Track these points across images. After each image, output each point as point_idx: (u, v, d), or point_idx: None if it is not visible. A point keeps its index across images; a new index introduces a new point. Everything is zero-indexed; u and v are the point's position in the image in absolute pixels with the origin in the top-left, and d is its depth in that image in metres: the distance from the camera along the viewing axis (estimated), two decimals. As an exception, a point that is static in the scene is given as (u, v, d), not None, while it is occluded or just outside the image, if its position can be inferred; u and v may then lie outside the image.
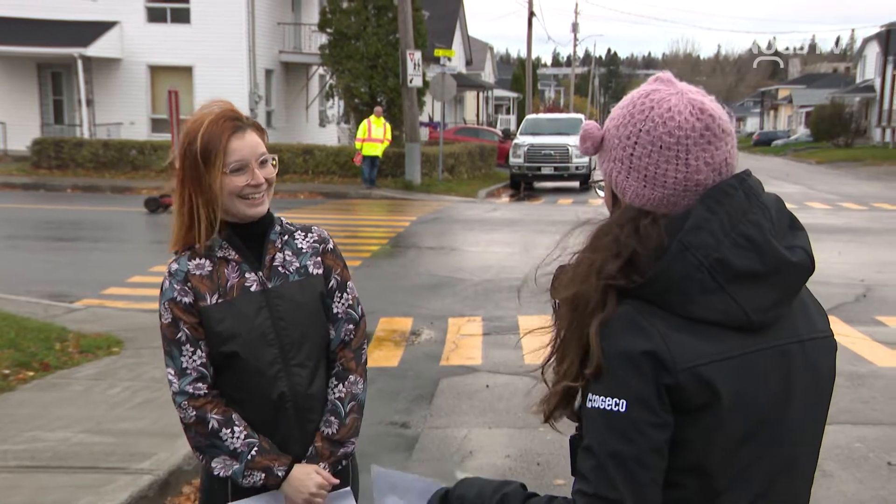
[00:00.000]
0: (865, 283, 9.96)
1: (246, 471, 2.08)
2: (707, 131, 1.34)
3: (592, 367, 1.31)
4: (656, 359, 1.28)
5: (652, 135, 1.35)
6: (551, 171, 23.79)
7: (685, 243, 1.30)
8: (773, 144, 59.83)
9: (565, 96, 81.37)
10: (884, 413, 5.64)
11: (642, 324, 1.30)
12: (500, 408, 5.67)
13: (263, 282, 2.13)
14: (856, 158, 38.94)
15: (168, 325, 2.08)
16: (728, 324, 1.31)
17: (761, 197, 1.35)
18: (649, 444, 1.28)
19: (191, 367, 2.07)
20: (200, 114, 2.08)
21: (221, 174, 2.03)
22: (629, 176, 1.38)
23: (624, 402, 1.28)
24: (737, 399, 1.31)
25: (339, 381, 2.22)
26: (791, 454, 1.39)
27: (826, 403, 1.46)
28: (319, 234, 2.27)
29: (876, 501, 4.35)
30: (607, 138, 1.42)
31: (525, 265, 10.87)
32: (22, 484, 4.00)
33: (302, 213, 16.47)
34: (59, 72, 27.09)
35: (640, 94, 1.40)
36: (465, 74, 46.64)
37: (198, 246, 2.10)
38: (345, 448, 2.22)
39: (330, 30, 25.45)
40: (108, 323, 7.33)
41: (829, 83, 68.94)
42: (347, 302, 2.25)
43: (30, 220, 15.31)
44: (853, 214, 18.04)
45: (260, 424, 2.13)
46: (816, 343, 1.42)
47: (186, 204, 2.07)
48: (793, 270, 1.34)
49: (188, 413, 2.07)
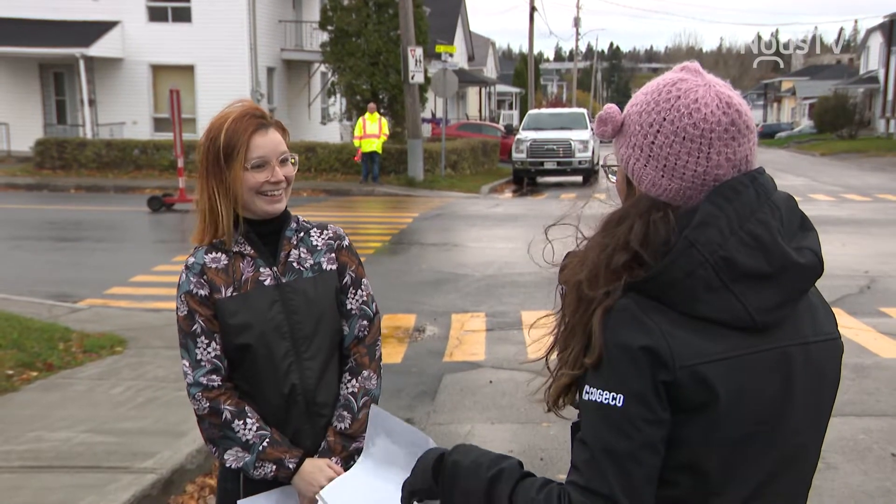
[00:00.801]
0: (870, 275, 9.93)
1: (257, 462, 2.09)
2: (732, 126, 1.32)
3: (593, 357, 1.29)
4: (655, 355, 1.26)
5: (676, 125, 1.32)
6: (554, 166, 23.75)
7: (691, 239, 1.28)
8: (776, 136, 59.64)
9: (568, 91, 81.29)
10: (888, 404, 5.62)
11: (643, 319, 1.28)
12: (503, 403, 5.67)
13: (278, 277, 2.16)
14: (859, 150, 38.83)
15: (184, 318, 2.10)
16: (731, 323, 1.28)
17: (772, 195, 1.33)
18: (644, 441, 1.27)
19: (205, 359, 2.09)
20: (225, 111, 2.12)
21: (242, 170, 2.06)
22: (647, 164, 1.34)
23: (621, 396, 1.27)
24: (736, 400, 1.29)
25: (353, 376, 2.24)
26: (789, 456, 1.37)
27: (828, 407, 1.44)
28: (335, 231, 2.30)
29: (880, 492, 4.34)
30: (627, 123, 1.38)
31: (528, 261, 10.85)
32: (25, 484, 4.01)
33: (305, 211, 16.37)
34: (61, 72, 27.12)
35: (666, 82, 1.36)
36: (467, 70, 46.57)
37: (217, 241, 2.12)
38: (357, 443, 2.22)
39: (331, 27, 25.44)
40: (112, 322, 7.33)
41: (832, 74, 68.66)
42: (362, 298, 2.27)
43: (33, 220, 15.33)
44: (857, 206, 17.99)
45: (272, 417, 2.14)
46: (821, 346, 1.39)
47: (208, 199, 2.10)
48: (800, 272, 1.31)
49: (202, 404, 2.08)
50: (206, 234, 2.13)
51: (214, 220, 2.11)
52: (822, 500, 4.21)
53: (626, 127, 1.38)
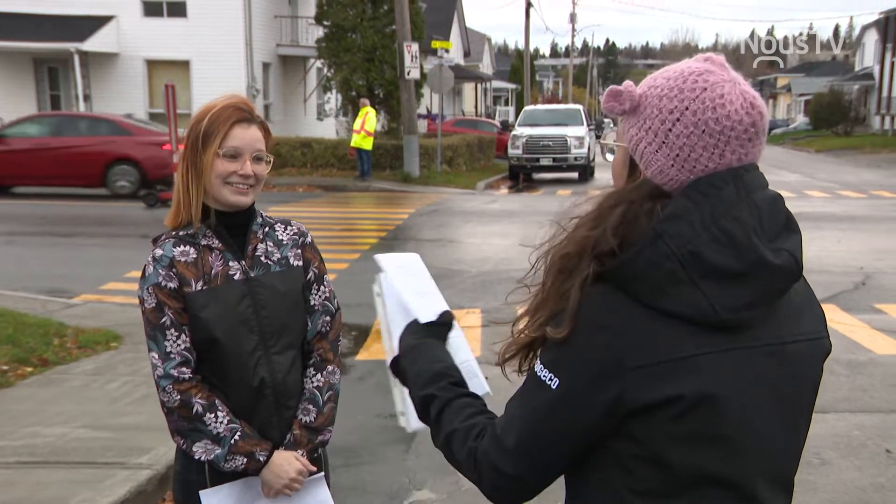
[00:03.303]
0: (864, 271, 9.95)
1: (228, 455, 2.10)
2: (752, 128, 1.30)
3: (564, 334, 1.28)
4: (608, 353, 1.25)
5: (698, 116, 1.28)
6: (550, 162, 23.77)
7: (659, 231, 1.25)
8: (772, 133, 59.65)
9: (563, 87, 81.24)
10: (882, 401, 5.64)
11: (604, 314, 1.27)
12: (498, 399, 5.65)
13: (246, 271, 2.17)
14: (855, 146, 38.90)
15: (152, 310, 2.10)
16: (697, 319, 1.25)
17: (754, 194, 1.29)
18: (557, 429, 1.30)
19: (175, 352, 2.09)
20: (216, 100, 2.15)
21: (215, 156, 2.08)
22: (659, 150, 1.31)
23: (557, 381, 1.29)
24: (698, 398, 1.25)
25: (318, 370, 2.27)
26: (763, 456, 1.33)
27: (806, 407, 1.40)
28: (298, 227, 2.32)
29: (874, 488, 4.35)
30: (644, 105, 1.34)
31: (523, 257, 10.85)
32: (20, 479, 4.00)
33: (300, 207, 16.46)
34: (55, 67, 27.01)
35: (692, 71, 1.32)
36: (463, 66, 46.53)
37: (184, 233, 2.13)
38: (322, 436, 2.27)
39: (327, 22, 25.38)
40: (107, 318, 7.32)
41: (827, 71, 68.76)
42: (324, 294, 2.30)
43: (27, 215, 15.29)
44: (852, 202, 18.02)
45: (240, 410, 2.16)
46: (801, 346, 1.35)
47: (183, 182, 2.12)
48: (773, 273, 1.27)
49: (172, 397, 2.09)
50: (177, 218, 2.15)
51: (187, 204, 2.12)
52: (816, 495, 4.23)
53: (642, 108, 1.34)
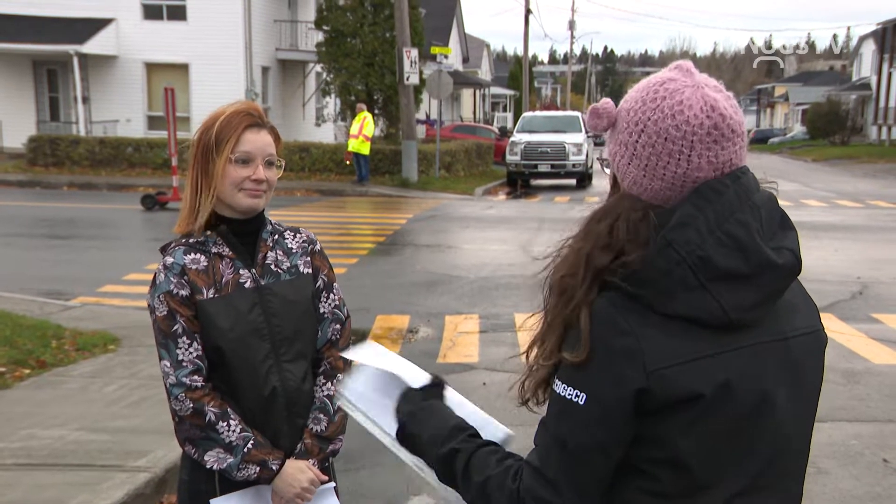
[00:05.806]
0: (861, 281, 9.98)
1: (241, 464, 2.09)
2: (715, 130, 1.32)
3: (582, 356, 1.30)
4: (628, 357, 1.27)
5: (659, 125, 1.32)
6: (548, 168, 23.78)
7: (668, 239, 1.28)
8: (769, 142, 59.84)
9: (562, 94, 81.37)
10: (879, 410, 5.65)
11: (617, 319, 1.29)
12: (497, 405, 5.67)
13: (257, 279, 2.16)
14: (852, 156, 38.98)
15: (164, 318, 2.08)
16: (707, 322, 1.29)
17: (753, 196, 1.33)
18: (595, 444, 1.30)
19: (187, 360, 2.08)
20: (224, 107, 2.15)
21: (227, 162, 2.08)
22: (631, 163, 1.36)
23: (584, 395, 1.30)
24: (714, 398, 1.29)
25: (328, 379, 2.26)
26: (776, 450, 1.37)
27: (813, 400, 1.45)
28: (307, 235, 2.32)
29: (871, 498, 4.36)
30: (619, 119, 1.39)
31: (522, 263, 10.87)
32: (17, 482, 4.00)
33: (298, 211, 16.45)
34: (54, 69, 27.01)
35: (656, 81, 1.37)
36: (462, 72, 46.58)
37: (194, 241, 2.13)
38: (333, 445, 2.26)
39: (326, 27, 25.42)
40: (105, 320, 7.31)
41: (825, 81, 68.91)
42: (334, 302, 2.30)
43: (26, 217, 15.27)
44: (849, 212, 18.06)
45: (251, 419, 2.15)
46: (801, 339, 1.40)
47: (194, 189, 2.12)
48: (778, 272, 1.32)
49: (185, 405, 2.07)
50: (187, 225, 2.15)
51: (196, 212, 2.12)
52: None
53: (618, 123, 1.39)
